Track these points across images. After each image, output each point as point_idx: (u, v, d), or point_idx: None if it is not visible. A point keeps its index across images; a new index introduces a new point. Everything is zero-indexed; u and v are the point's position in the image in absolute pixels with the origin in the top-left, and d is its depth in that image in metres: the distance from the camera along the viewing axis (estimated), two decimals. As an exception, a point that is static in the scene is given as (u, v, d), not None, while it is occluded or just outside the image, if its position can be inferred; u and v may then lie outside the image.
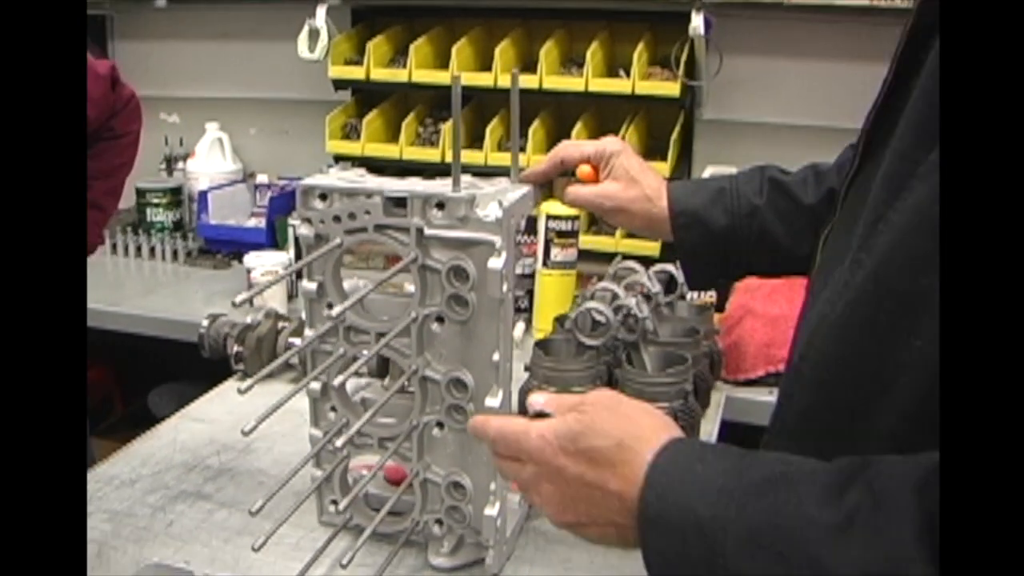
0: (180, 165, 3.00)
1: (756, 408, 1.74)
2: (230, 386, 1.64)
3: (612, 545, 0.74)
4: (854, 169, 0.81)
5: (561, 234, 1.95)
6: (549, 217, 1.95)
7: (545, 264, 1.98)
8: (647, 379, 1.41)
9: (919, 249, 0.61)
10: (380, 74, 2.46)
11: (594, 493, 0.71)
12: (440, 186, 1.01)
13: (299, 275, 1.10)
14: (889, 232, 0.64)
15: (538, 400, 0.81)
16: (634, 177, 1.15)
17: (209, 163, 2.91)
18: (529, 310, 2.05)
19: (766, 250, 1.13)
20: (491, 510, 1.06)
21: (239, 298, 0.83)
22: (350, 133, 2.59)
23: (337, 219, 1.03)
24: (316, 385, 1.12)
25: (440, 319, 1.04)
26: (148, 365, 2.70)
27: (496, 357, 1.00)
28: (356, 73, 2.49)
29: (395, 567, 1.11)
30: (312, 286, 1.08)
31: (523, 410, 1.47)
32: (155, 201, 2.81)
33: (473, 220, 0.98)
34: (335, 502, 1.18)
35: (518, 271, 2.21)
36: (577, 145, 1.15)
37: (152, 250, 2.71)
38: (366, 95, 2.65)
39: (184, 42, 3.01)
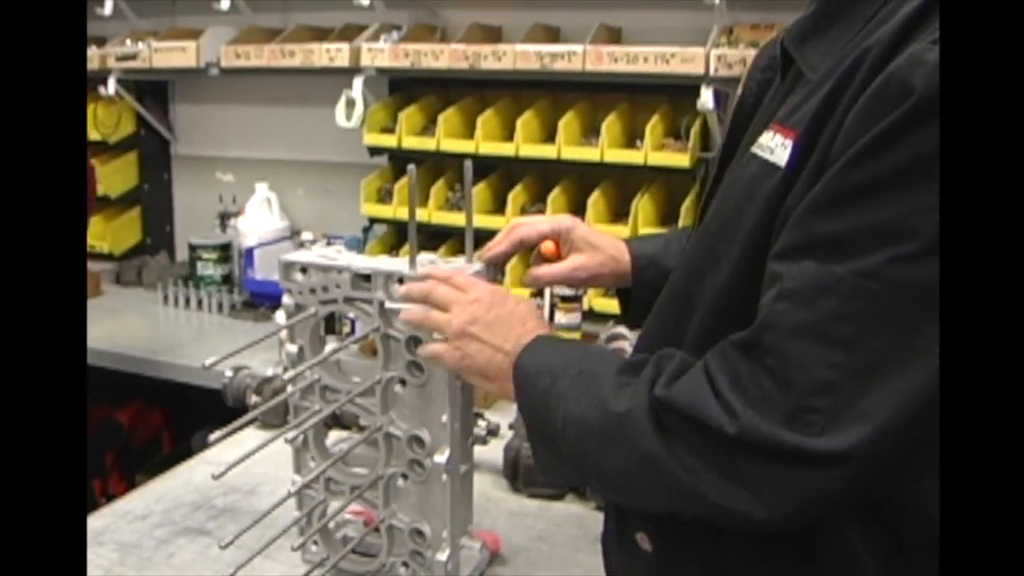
0: (232, 222, 3.20)
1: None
2: (246, 434, 1.78)
3: (480, 367, 1.03)
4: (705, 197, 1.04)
5: (565, 299, 2.07)
6: (554, 282, 2.07)
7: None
8: (616, 439, 1.51)
9: (691, 263, 0.93)
10: (411, 142, 2.63)
11: (509, 321, 1.04)
12: (401, 264, 1.15)
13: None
14: (686, 252, 0.98)
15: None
16: (593, 244, 1.27)
17: (258, 221, 3.10)
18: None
19: None
20: (442, 555, 1.18)
21: (208, 361, 0.97)
22: (384, 196, 2.76)
23: (313, 291, 1.18)
24: (299, 437, 1.26)
25: (403, 382, 1.17)
26: (195, 409, 2.88)
27: (444, 419, 1.13)
28: (389, 141, 2.67)
29: (361, 603, 1.24)
30: (293, 348, 1.22)
31: (513, 469, 1.60)
32: (206, 256, 3.01)
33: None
34: (316, 542, 1.31)
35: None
36: (532, 224, 1.27)
37: (200, 302, 2.90)
38: (401, 160, 2.82)
39: (237, 107, 3.24)
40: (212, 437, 0.99)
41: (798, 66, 0.86)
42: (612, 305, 2.44)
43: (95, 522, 1.44)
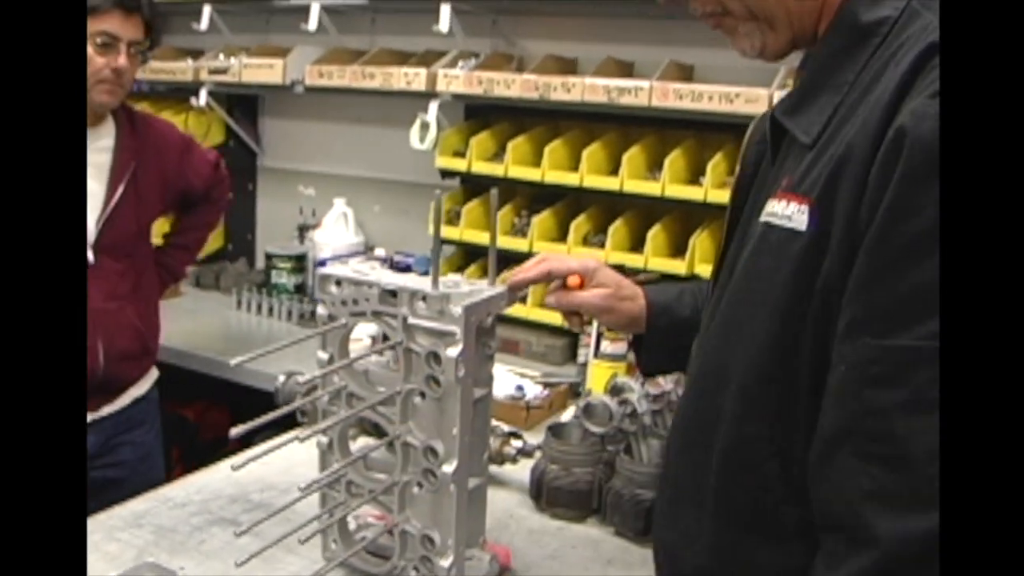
0: (310, 234, 3.33)
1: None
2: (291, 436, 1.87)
3: None
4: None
5: (612, 329, 2.11)
6: (602, 312, 2.12)
7: (596, 355, 2.15)
8: (635, 467, 1.56)
9: (723, 334, 0.97)
10: (480, 167, 2.71)
11: None
12: (424, 283, 1.21)
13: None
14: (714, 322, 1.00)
15: None
16: (619, 283, 1.37)
17: (334, 234, 3.22)
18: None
19: None
20: (445, 561, 1.23)
21: (233, 361, 1.05)
22: (453, 218, 2.84)
23: (344, 303, 1.25)
24: (324, 440, 1.33)
25: (423, 395, 1.23)
26: (259, 410, 2.99)
27: (455, 431, 1.19)
28: (460, 165, 2.75)
29: (371, 602, 1.30)
30: (324, 356, 1.29)
31: (538, 488, 1.64)
32: (281, 265, 3.13)
33: (447, 314, 1.17)
34: (336, 541, 1.38)
35: (580, 360, 2.39)
36: (562, 260, 1.38)
37: (271, 309, 3.02)
38: (472, 184, 2.90)
39: (321, 123, 3.38)
40: (233, 432, 1.07)
41: (791, 135, 0.92)
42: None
43: (138, 505, 1.53)
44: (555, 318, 2.62)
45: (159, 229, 2.47)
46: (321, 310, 1.28)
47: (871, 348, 0.77)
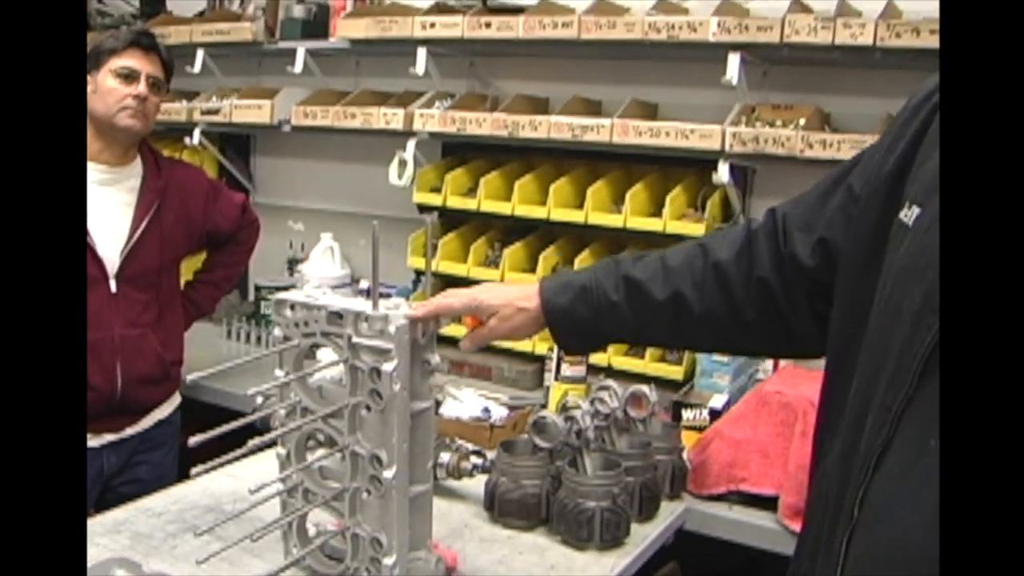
0: (299, 267, 3.47)
1: (714, 521, 1.95)
2: (266, 453, 2.00)
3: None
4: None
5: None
6: (561, 336, 2.25)
7: (556, 377, 2.27)
8: (579, 479, 1.68)
9: None
10: (455, 202, 2.86)
11: None
12: (367, 305, 1.35)
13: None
14: None
15: None
16: (505, 301, 1.44)
17: (321, 267, 3.36)
18: (546, 416, 2.34)
19: (625, 334, 1.45)
20: (388, 560, 1.36)
21: (189, 377, 1.18)
22: (430, 251, 2.98)
23: (297, 325, 1.38)
24: (283, 451, 1.46)
25: (368, 407, 1.36)
26: (244, 432, 3.12)
27: (394, 440, 1.32)
28: (435, 200, 2.90)
29: (324, 600, 1.43)
30: (281, 374, 1.43)
31: (491, 500, 1.76)
32: (270, 297, 3.25)
33: (387, 333, 1.31)
34: (296, 546, 1.50)
35: (545, 383, 2.51)
36: (450, 300, 1.44)
37: (259, 338, 3.16)
38: (449, 217, 3.04)
39: (309, 161, 3.54)
40: (192, 440, 1.20)
41: None
42: (630, 363, 2.59)
43: (118, 514, 1.67)
44: (526, 345, 2.75)
45: (191, 266, 2.65)
46: (277, 332, 1.42)
47: None
